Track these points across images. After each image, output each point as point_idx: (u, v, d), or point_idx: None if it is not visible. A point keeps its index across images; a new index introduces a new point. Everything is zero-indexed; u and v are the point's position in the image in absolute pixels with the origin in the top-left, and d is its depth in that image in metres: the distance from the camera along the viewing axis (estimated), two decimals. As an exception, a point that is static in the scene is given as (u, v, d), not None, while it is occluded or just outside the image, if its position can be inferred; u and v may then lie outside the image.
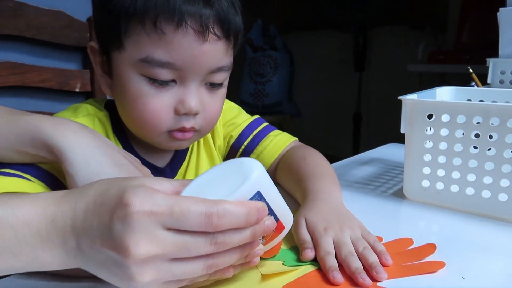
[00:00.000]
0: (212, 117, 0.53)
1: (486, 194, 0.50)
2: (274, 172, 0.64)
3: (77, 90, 1.07)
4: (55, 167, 0.47)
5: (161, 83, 0.48)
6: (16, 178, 0.43)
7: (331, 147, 2.80)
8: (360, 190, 0.62)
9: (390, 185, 0.63)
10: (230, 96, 0.68)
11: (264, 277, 0.39)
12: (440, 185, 0.54)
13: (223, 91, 0.54)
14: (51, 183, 0.46)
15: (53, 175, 0.46)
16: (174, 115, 0.50)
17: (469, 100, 0.64)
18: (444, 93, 0.65)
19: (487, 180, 0.50)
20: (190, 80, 0.49)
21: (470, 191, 0.51)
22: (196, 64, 0.48)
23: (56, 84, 1.04)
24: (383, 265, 0.39)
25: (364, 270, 0.39)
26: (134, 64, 0.48)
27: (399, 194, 0.59)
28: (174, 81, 0.49)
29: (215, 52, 0.49)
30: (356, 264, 0.39)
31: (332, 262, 0.40)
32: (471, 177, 0.51)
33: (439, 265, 0.39)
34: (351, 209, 0.55)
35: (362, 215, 0.53)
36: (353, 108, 2.38)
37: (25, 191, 0.42)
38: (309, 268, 0.40)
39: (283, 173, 0.62)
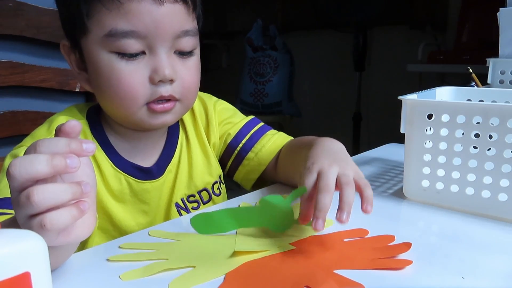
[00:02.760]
0: (189, 84, 0.54)
1: (486, 194, 0.50)
2: (274, 168, 0.64)
3: (77, 90, 1.07)
4: None
5: (131, 56, 0.49)
6: None
7: (331, 147, 2.80)
8: (360, 190, 0.62)
9: (390, 185, 0.63)
10: (230, 95, 0.68)
11: (236, 253, 0.41)
12: (440, 185, 0.54)
13: (195, 59, 0.55)
14: None
15: None
16: (150, 85, 0.51)
17: (469, 100, 0.64)
18: (444, 93, 0.65)
19: (487, 180, 0.50)
20: (158, 48, 0.50)
21: (470, 191, 0.51)
22: (159, 29, 0.49)
23: (56, 84, 1.04)
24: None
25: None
26: (101, 43, 0.49)
27: (399, 194, 0.59)
28: (143, 52, 0.50)
29: (176, 15, 0.50)
30: (324, 201, 0.40)
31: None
32: (471, 177, 0.51)
33: (406, 262, 0.40)
34: (351, 209, 0.55)
35: (361, 215, 0.53)
36: (353, 108, 2.38)
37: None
38: (276, 250, 0.42)
39: (287, 160, 0.62)
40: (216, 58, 3.55)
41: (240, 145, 0.65)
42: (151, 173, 0.59)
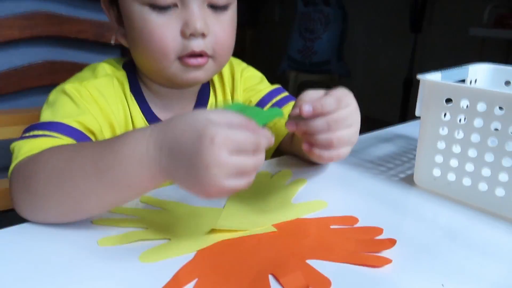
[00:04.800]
0: (223, 40, 0.53)
1: (499, 192, 0.46)
2: (290, 140, 0.62)
3: (112, 42, 1.09)
4: (82, 124, 0.50)
5: (162, 8, 0.49)
6: (44, 139, 0.46)
7: (377, 111, 2.68)
8: (369, 171, 0.59)
9: (404, 169, 0.59)
10: (279, 50, 0.64)
11: (213, 230, 0.41)
12: (451, 176, 0.49)
13: (230, 14, 0.54)
14: (78, 138, 0.49)
15: (79, 130, 0.49)
16: (182, 39, 0.50)
17: (508, 82, 0.57)
18: (479, 72, 0.58)
19: (503, 177, 0.45)
20: (191, 0, 0.49)
21: (483, 186, 0.47)
22: None
23: (92, 36, 1.06)
24: None
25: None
26: None
27: (409, 180, 0.55)
28: (175, 5, 0.50)
29: None
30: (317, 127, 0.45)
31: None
32: (486, 172, 0.46)
33: (385, 261, 0.38)
34: (353, 190, 0.53)
35: (364, 198, 0.50)
36: (405, 72, 2.24)
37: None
38: (256, 231, 0.41)
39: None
40: (268, 10, 3.45)
41: None
42: None
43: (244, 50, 3.48)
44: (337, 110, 0.45)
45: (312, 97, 0.46)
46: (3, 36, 0.94)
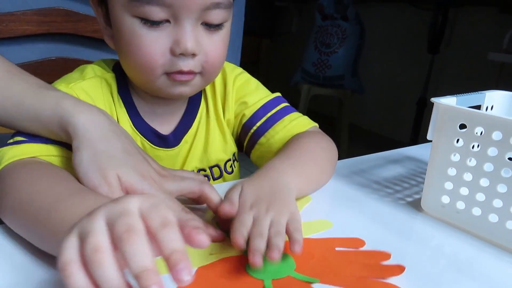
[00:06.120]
0: (213, 59, 0.51)
1: (510, 225, 0.44)
2: None
3: (127, 43, 1.09)
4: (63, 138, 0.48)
5: (154, 23, 0.47)
6: (26, 144, 0.45)
7: (389, 130, 2.66)
8: (375, 192, 0.57)
9: (411, 192, 0.58)
10: (294, 62, 0.63)
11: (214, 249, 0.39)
12: (461, 205, 0.48)
13: (223, 32, 0.52)
14: (61, 143, 0.47)
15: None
16: (171, 56, 0.48)
17: (525, 110, 0.55)
18: (496, 99, 0.56)
19: (515, 210, 0.43)
20: (184, 18, 0.47)
21: (493, 218, 0.45)
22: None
23: (107, 36, 1.06)
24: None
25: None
26: (126, 6, 0.47)
27: (416, 205, 0.53)
28: (168, 21, 0.48)
29: None
30: (258, 245, 0.36)
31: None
32: (497, 203, 0.44)
33: None
34: (358, 211, 0.51)
35: (369, 220, 0.49)
36: (419, 92, 2.21)
37: (40, 153, 0.45)
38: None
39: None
40: (286, 22, 3.46)
41: (254, 127, 0.61)
42: (167, 141, 0.58)
43: (258, 60, 3.49)
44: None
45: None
46: (20, 31, 0.95)
